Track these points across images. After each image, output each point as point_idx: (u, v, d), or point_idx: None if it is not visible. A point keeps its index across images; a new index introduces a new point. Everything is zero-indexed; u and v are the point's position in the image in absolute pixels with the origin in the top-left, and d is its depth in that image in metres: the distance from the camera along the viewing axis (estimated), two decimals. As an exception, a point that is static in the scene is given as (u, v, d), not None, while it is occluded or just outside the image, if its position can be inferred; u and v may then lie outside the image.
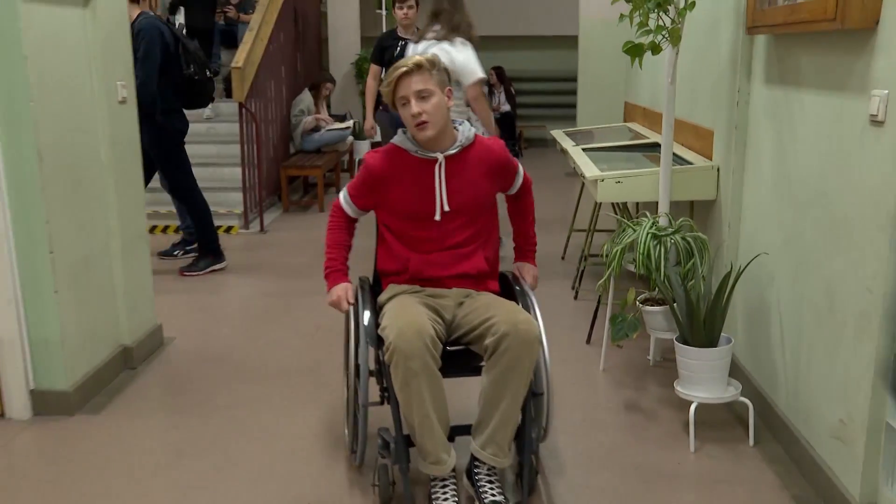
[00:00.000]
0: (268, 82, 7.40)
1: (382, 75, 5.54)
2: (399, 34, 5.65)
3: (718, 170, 3.61)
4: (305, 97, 8.19)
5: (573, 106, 8.66)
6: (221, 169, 7.14)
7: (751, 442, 3.00)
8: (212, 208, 5.55)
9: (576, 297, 4.76)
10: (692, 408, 2.98)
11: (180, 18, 8.84)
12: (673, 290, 3.08)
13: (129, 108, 3.74)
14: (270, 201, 7.39)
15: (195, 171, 5.34)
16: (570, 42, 9.44)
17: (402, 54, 5.31)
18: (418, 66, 2.54)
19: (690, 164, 3.77)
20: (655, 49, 3.29)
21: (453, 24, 4.86)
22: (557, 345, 3.90)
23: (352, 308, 2.69)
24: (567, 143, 5.08)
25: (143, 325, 3.88)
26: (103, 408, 3.37)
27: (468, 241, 2.69)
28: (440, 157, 2.64)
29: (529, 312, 2.67)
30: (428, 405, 2.41)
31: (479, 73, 4.84)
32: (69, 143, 3.27)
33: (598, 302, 4.07)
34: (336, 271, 2.74)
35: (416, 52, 4.94)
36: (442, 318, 2.59)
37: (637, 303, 3.36)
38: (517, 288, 2.82)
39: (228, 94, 7.64)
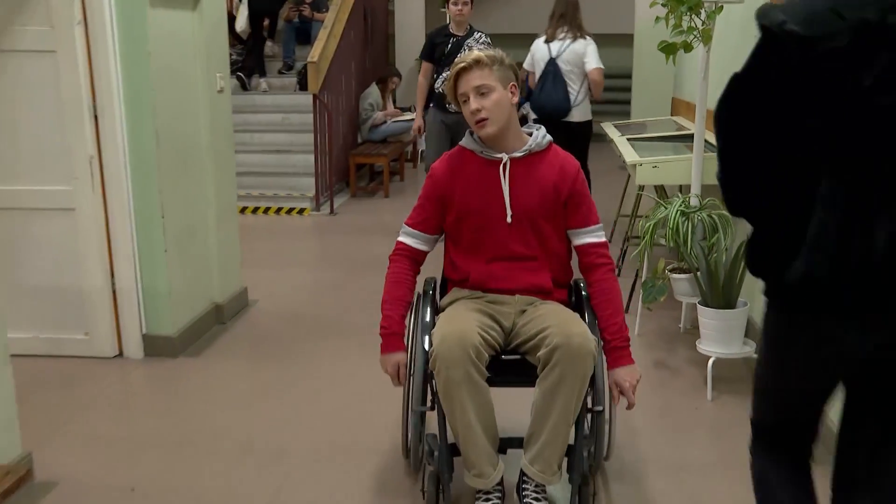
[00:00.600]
0: (339, 76, 7.96)
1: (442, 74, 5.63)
2: (451, 30, 5.68)
3: (747, 157, 4.00)
4: (373, 91, 8.72)
5: (627, 102, 9.02)
6: (294, 156, 7.71)
7: (763, 394, 3.41)
8: (284, 192, 6.01)
9: (619, 274, 5.17)
10: (710, 362, 3.40)
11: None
12: (697, 260, 3.50)
13: (224, 97, 4.30)
14: (339, 187, 7.94)
15: (269, 158, 5.88)
16: (626, 40, 9.79)
17: (453, 51, 5.48)
18: (477, 62, 2.45)
19: (721, 151, 4.17)
20: (687, 48, 3.71)
21: (577, 24, 5.59)
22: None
23: (412, 314, 2.65)
24: (615, 134, 5.51)
25: (232, 287, 4.45)
26: (201, 352, 3.95)
27: (532, 254, 2.55)
28: (505, 157, 2.52)
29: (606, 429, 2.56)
30: (471, 415, 2.33)
31: (600, 63, 5.56)
32: (179, 127, 3.85)
33: (636, 276, 4.50)
34: (392, 335, 2.54)
35: (551, 52, 5.54)
36: (500, 326, 2.50)
37: (666, 271, 3.79)
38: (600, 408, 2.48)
39: (301, 87, 8.22)
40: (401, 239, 2.64)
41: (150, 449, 3.04)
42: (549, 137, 2.58)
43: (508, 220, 2.51)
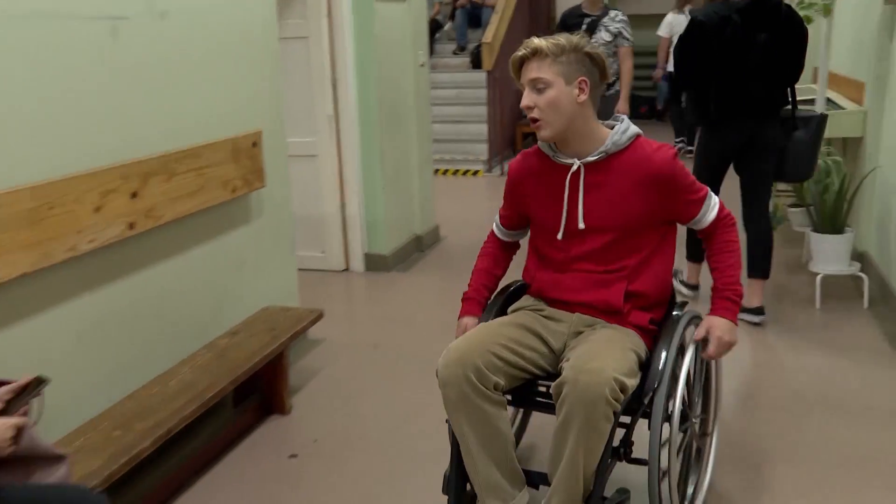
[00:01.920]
0: (508, 55, 8.93)
1: None
2: (584, 10, 5.37)
3: (866, 113, 4.68)
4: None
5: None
6: (468, 126, 8.79)
7: (865, 305, 4.14)
8: (461, 157, 6.98)
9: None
10: (818, 278, 4.16)
11: None
12: (812, 196, 4.26)
13: (424, 70, 5.39)
14: (506, 154, 8.96)
15: (447, 127, 6.86)
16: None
17: (587, 32, 5.20)
18: (535, 52, 2.12)
19: (843, 108, 4.86)
20: (808, 20, 4.44)
21: None
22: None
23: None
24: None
25: (428, 222, 5.56)
26: (407, 270, 5.08)
27: (608, 267, 2.23)
28: (576, 164, 2.20)
29: (710, 381, 2.46)
30: (469, 440, 2.11)
31: None
32: (393, 93, 4.96)
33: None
34: (469, 300, 2.45)
35: (666, 23, 6.03)
36: (548, 347, 2.23)
37: (785, 206, 4.57)
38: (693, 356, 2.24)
39: (474, 65, 9.28)
40: (493, 228, 2.55)
41: (384, 323, 4.19)
42: (632, 131, 2.21)
43: (560, 235, 2.26)
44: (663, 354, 2.16)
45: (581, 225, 2.21)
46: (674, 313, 2.33)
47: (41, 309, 2.38)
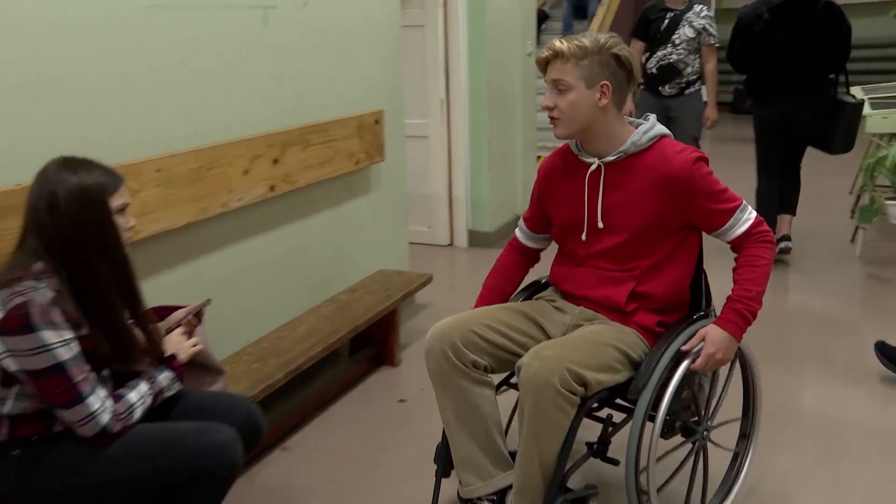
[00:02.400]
0: (612, 47, 9.11)
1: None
2: (667, 5, 5.05)
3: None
4: (641, 60, 9.77)
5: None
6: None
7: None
8: (550, 144, 7.24)
9: (851, 217, 5.98)
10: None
11: None
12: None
13: (531, 60, 5.66)
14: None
15: (545, 114, 7.15)
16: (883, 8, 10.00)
17: (670, 28, 4.98)
18: (557, 54, 2.10)
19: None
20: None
21: None
22: (827, 240, 5.26)
23: None
24: (860, 94, 6.23)
25: (529, 205, 5.84)
26: (507, 248, 5.37)
27: (619, 267, 2.21)
28: (596, 163, 2.20)
29: (749, 383, 2.39)
30: (448, 415, 2.17)
31: None
32: (502, 80, 5.27)
33: (856, 202, 5.31)
34: (479, 298, 2.46)
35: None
36: (545, 334, 2.23)
37: (882, 199, 4.65)
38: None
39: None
40: (516, 231, 2.52)
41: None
42: (654, 133, 2.17)
43: (583, 237, 2.25)
44: (655, 356, 2.09)
45: (600, 224, 2.20)
46: (695, 317, 2.24)
47: (197, 255, 2.79)
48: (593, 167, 2.20)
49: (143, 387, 1.99)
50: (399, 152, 3.96)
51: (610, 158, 2.17)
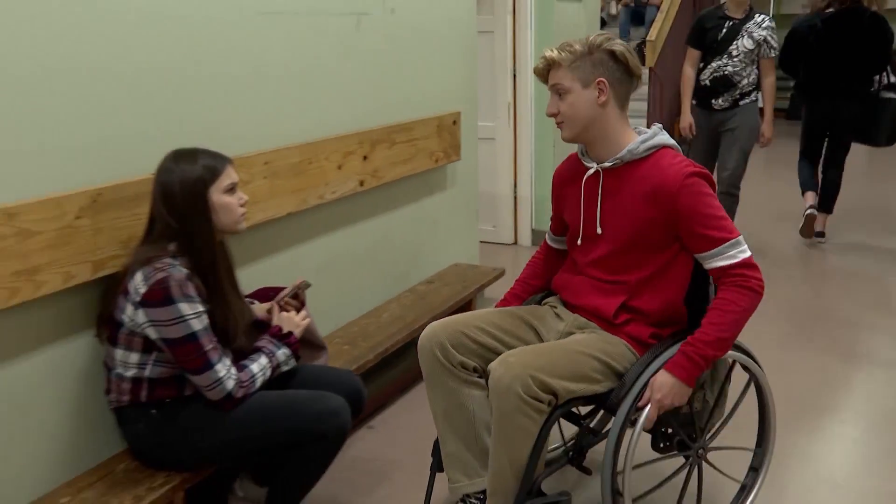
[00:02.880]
0: (670, 53, 9.21)
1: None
2: (725, 12, 4.78)
3: None
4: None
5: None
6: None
7: None
8: None
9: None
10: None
11: None
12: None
13: (594, 65, 5.82)
14: (663, 149, 9.23)
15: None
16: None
17: (728, 37, 4.71)
18: (550, 63, 2.16)
19: None
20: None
21: None
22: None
23: None
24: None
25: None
26: (570, 247, 5.52)
27: (611, 278, 2.21)
28: (594, 168, 2.21)
29: (766, 412, 2.37)
30: (438, 411, 2.23)
31: None
32: (566, 84, 5.42)
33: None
34: (502, 301, 2.52)
35: None
36: (540, 339, 2.28)
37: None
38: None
39: (636, 62, 9.56)
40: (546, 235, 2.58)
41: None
42: (655, 142, 2.16)
43: (579, 241, 2.28)
44: (635, 369, 2.11)
45: (598, 230, 2.21)
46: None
47: (295, 243, 3.01)
48: (590, 172, 2.21)
49: (263, 360, 2.21)
50: (472, 152, 4.15)
51: (607, 164, 2.18)
